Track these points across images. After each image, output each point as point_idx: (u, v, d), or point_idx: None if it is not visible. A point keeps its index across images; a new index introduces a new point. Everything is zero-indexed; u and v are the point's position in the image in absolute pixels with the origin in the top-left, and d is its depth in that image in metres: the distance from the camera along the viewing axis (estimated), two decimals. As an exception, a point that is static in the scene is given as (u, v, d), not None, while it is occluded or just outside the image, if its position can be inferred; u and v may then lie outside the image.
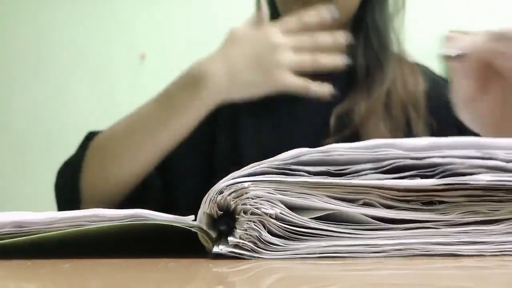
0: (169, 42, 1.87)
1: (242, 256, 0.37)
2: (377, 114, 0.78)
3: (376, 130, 0.76)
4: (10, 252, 0.38)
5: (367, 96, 0.79)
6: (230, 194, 0.37)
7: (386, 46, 0.83)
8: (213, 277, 0.33)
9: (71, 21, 1.98)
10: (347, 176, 0.38)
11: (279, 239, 0.37)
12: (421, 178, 0.38)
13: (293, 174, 0.38)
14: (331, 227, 0.37)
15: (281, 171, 0.38)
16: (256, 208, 0.37)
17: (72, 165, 0.79)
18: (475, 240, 0.37)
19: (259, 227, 0.37)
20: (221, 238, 0.38)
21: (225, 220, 0.38)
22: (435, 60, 0.74)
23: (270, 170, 0.38)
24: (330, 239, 0.37)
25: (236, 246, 0.37)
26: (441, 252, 0.37)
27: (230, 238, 0.37)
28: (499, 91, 0.55)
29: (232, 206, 0.37)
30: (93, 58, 1.97)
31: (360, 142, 0.39)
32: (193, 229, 0.38)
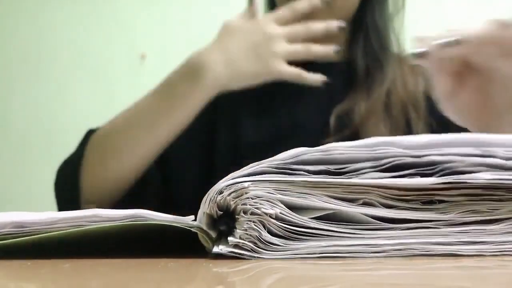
0: (169, 42, 1.87)
1: (242, 256, 0.37)
2: (377, 114, 0.78)
3: (376, 130, 0.77)
4: (10, 252, 0.38)
5: (367, 96, 0.79)
6: (230, 194, 0.37)
7: (386, 46, 0.83)
8: (213, 277, 0.33)
9: (71, 21, 1.98)
10: (347, 174, 0.38)
11: (279, 239, 0.37)
12: (420, 176, 0.38)
13: (293, 174, 0.38)
14: (331, 227, 0.37)
15: (281, 171, 0.38)
16: (256, 208, 0.37)
17: (71, 163, 0.79)
18: (475, 240, 0.37)
19: (259, 227, 0.37)
20: (221, 238, 0.38)
21: (225, 220, 0.38)
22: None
23: (270, 170, 0.38)
24: (330, 239, 0.37)
25: (236, 246, 0.37)
26: (441, 252, 0.37)
27: (230, 238, 0.37)
28: (476, 85, 0.57)
29: (232, 206, 0.37)
30: (93, 58, 1.96)
31: (360, 141, 0.39)
32: (193, 229, 0.38)
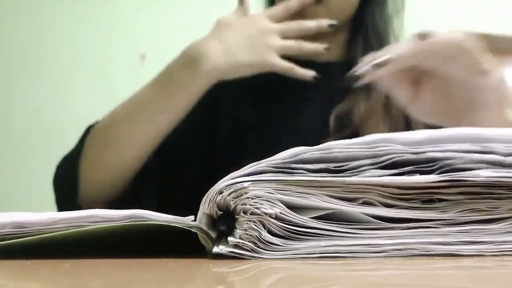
0: (169, 42, 1.87)
1: (242, 256, 0.36)
2: (376, 114, 0.78)
3: (375, 130, 0.76)
4: (10, 252, 0.38)
5: (367, 97, 0.79)
6: (230, 194, 0.37)
7: (386, 47, 0.83)
8: (213, 277, 0.33)
9: (71, 21, 1.98)
10: (347, 172, 0.38)
11: (279, 239, 0.37)
12: (420, 173, 0.38)
13: (293, 173, 0.38)
14: (331, 226, 0.37)
15: (280, 170, 0.38)
16: (256, 208, 0.37)
17: (70, 158, 0.79)
18: (475, 240, 0.37)
19: (259, 227, 0.37)
20: (221, 238, 0.38)
21: (225, 220, 0.38)
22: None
23: (269, 169, 0.38)
24: (330, 239, 0.37)
25: (236, 246, 0.37)
26: (441, 252, 0.37)
27: (230, 238, 0.37)
28: (435, 87, 0.61)
29: (232, 206, 0.37)
30: (93, 58, 1.96)
31: (358, 138, 0.39)
32: (193, 230, 0.38)
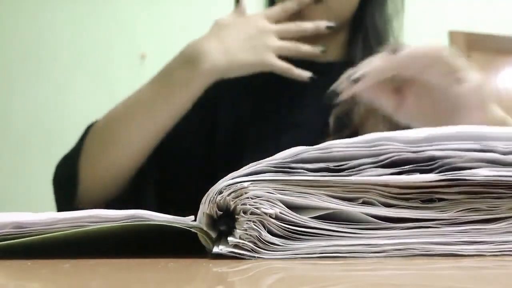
0: (169, 42, 1.87)
1: (242, 256, 0.36)
2: (376, 115, 0.78)
3: (375, 130, 0.76)
4: (10, 252, 0.38)
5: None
6: (230, 194, 0.37)
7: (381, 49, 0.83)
8: (213, 277, 0.33)
9: (71, 21, 1.98)
10: (347, 171, 0.38)
11: (279, 239, 0.37)
12: (419, 172, 0.38)
13: (293, 172, 0.38)
14: (331, 226, 0.37)
15: (280, 170, 0.38)
16: (255, 208, 0.37)
17: (70, 157, 0.79)
18: (475, 240, 0.37)
19: (259, 227, 0.37)
20: (221, 238, 0.38)
21: (224, 220, 0.38)
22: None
23: (269, 169, 0.38)
24: (330, 238, 0.37)
25: (236, 246, 0.37)
26: (441, 252, 0.37)
27: (230, 238, 0.37)
28: (418, 93, 0.63)
29: (232, 206, 0.37)
30: (93, 58, 1.97)
31: (358, 137, 0.39)
32: (193, 230, 0.38)
